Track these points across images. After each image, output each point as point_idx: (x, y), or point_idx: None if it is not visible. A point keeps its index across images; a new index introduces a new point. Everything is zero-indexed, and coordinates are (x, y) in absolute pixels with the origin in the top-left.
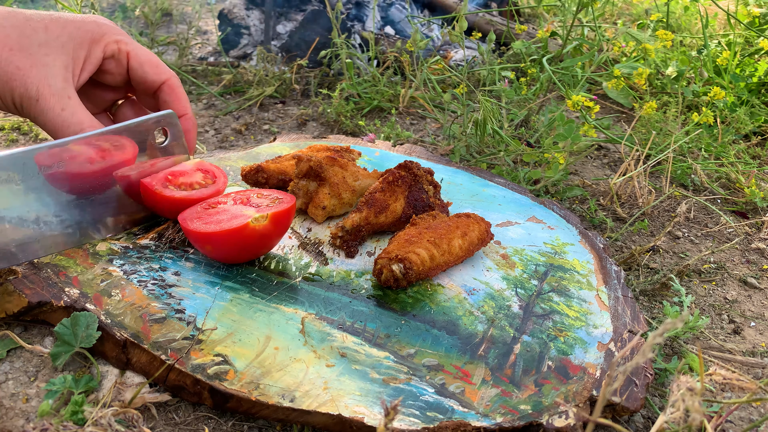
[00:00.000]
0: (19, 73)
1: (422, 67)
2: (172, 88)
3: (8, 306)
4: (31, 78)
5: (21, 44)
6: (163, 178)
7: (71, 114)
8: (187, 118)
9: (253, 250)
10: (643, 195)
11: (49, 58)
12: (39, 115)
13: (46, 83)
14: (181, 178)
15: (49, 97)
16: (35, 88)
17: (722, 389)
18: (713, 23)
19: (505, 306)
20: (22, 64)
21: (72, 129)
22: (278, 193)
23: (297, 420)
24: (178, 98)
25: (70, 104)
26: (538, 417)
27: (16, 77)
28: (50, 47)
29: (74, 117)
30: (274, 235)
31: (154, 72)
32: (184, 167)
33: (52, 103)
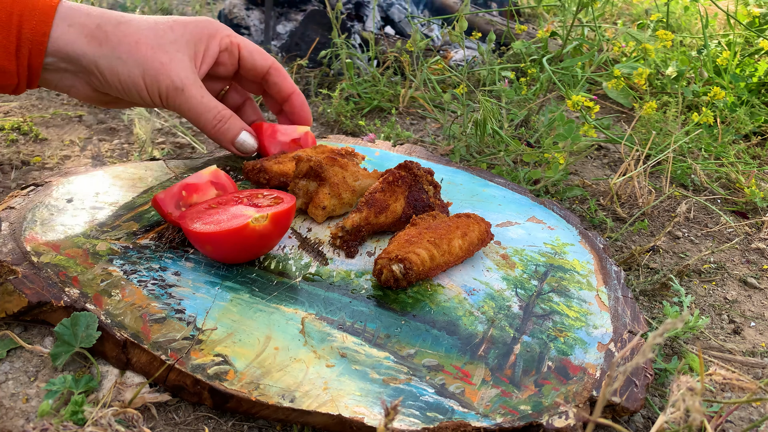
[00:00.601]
0: (164, 68)
1: (422, 67)
2: (278, 70)
3: (8, 306)
4: (174, 71)
5: (158, 43)
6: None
7: (210, 100)
8: (297, 93)
9: (253, 250)
10: (643, 195)
11: (180, 54)
12: (183, 103)
13: (185, 75)
14: (195, 195)
15: (191, 86)
16: (179, 79)
17: (722, 389)
18: (713, 23)
19: (505, 306)
20: (164, 60)
21: (213, 113)
22: (278, 193)
23: (297, 420)
24: (285, 78)
25: (206, 92)
26: (538, 417)
27: (162, 72)
28: (179, 44)
29: (212, 102)
30: (274, 235)
31: (261, 58)
32: (200, 179)
33: (194, 92)
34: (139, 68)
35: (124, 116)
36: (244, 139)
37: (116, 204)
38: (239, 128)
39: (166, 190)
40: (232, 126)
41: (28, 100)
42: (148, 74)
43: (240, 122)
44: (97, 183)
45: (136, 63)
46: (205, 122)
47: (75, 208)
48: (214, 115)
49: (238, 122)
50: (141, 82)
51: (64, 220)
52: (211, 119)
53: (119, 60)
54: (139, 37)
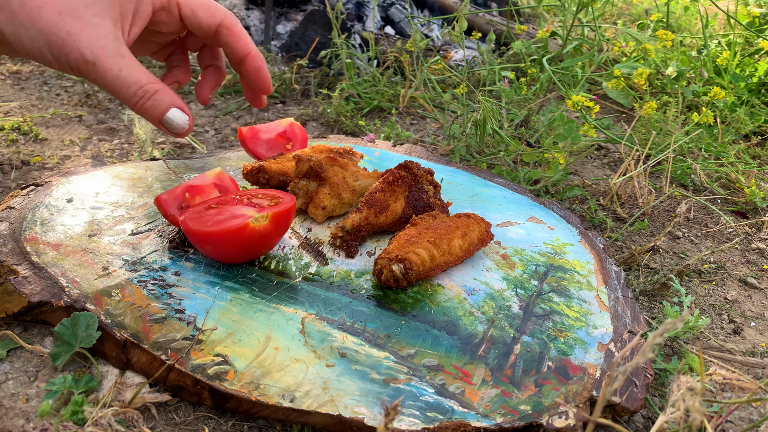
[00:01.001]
0: (71, 39)
1: (422, 67)
2: (229, 28)
3: (8, 306)
4: (83, 42)
5: (69, 6)
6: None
7: (128, 74)
8: (253, 56)
9: (253, 250)
10: (643, 195)
11: (97, 18)
12: (98, 78)
13: (99, 45)
14: (198, 197)
15: (105, 59)
16: (89, 51)
17: (722, 389)
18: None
19: (505, 306)
20: (72, 29)
21: (132, 89)
22: (278, 193)
23: (297, 420)
24: (237, 37)
25: (126, 64)
26: (538, 417)
27: (69, 43)
28: (97, 6)
29: (132, 77)
30: (274, 235)
31: (207, 16)
32: (203, 181)
33: (108, 65)
34: (43, 38)
35: (124, 116)
36: (171, 117)
37: (116, 204)
38: (167, 104)
39: (169, 192)
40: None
41: (28, 100)
42: (54, 45)
43: (168, 97)
44: (97, 183)
45: (39, 31)
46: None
47: (75, 208)
48: (134, 91)
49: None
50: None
51: (64, 220)
52: (131, 95)
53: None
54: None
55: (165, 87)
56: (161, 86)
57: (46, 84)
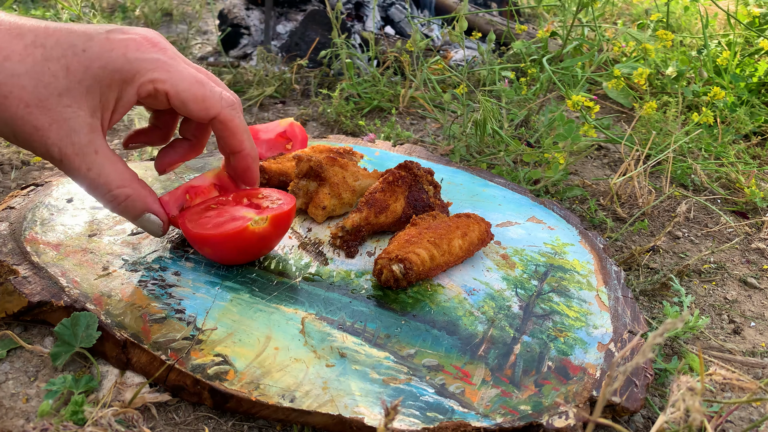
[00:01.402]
0: (38, 134)
1: (422, 67)
2: (224, 123)
3: (8, 306)
4: (51, 138)
5: (38, 97)
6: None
7: (98, 174)
8: (244, 155)
9: (253, 252)
10: (643, 195)
11: (70, 110)
12: (67, 174)
13: (69, 142)
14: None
15: (72, 157)
16: (57, 149)
17: (722, 389)
18: (713, 23)
19: (505, 306)
20: (39, 123)
21: (100, 191)
22: (279, 193)
23: (297, 420)
24: (232, 134)
25: (97, 162)
26: (538, 417)
27: (35, 138)
28: (72, 95)
29: (101, 178)
30: (273, 236)
31: (200, 109)
32: (203, 181)
33: (76, 164)
34: (9, 129)
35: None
36: (145, 222)
37: None
38: (139, 210)
39: (170, 192)
40: (128, 208)
41: None
42: (20, 137)
43: (142, 202)
44: None
45: (4, 122)
46: (97, 199)
47: (75, 208)
48: (103, 194)
49: (137, 204)
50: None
51: (64, 220)
52: (101, 198)
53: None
54: (9, 90)
55: (138, 190)
56: (132, 191)
57: None
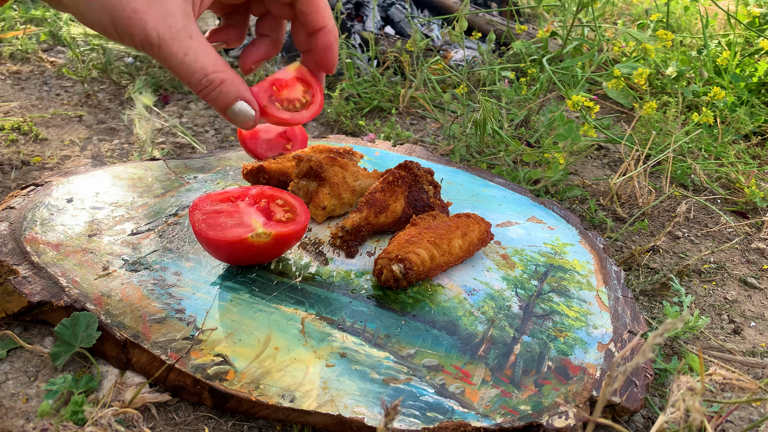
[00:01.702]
0: (137, 17)
1: (422, 67)
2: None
3: (8, 306)
4: (150, 22)
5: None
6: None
7: (194, 60)
8: (327, 30)
9: (251, 261)
10: (643, 195)
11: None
12: (161, 60)
13: (166, 25)
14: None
15: (170, 41)
16: (155, 32)
17: (722, 389)
18: (713, 23)
19: (505, 306)
20: (138, 6)
21: (196, 77)
22: (300, 206)
23: (297, 420)
24: (316, 8)
25: (193, 47)
26: (538, 417)
27: (134, 22)
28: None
29: (197, 63)
30: (273, 251)
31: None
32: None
33: (174, 48)
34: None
35: (123, 116)
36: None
37: (116, 204)
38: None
39: (258, 84)
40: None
41: (28, 100)
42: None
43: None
44: (97, 183)
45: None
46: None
47: (75, 208)
48: (199, 79)
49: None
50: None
51: (64, 220)
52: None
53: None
54: None
55: (232, 76)
56: (228, 75)
57: (46, 84)
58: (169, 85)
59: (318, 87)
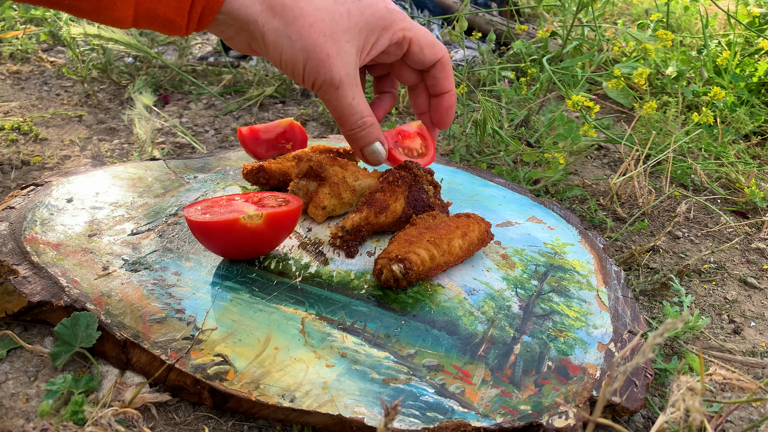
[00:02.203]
0: (328, 61)
1: None
2: (444, 65)
3: (8, 306)
4: (336, 66)
5: (332, 30)
6: (395, 136)
7: (358, 104)
8: (451, 94)
9: (247, 248)
10: (643, 195)
11: (348, 45)
12: (333, 99)
13: (346, 71)
14: (407, 141)
15: (347, 86)
16: (339, 76)
17: (722, 389)
18: (713, 23)
19: (505, 306)
20: (331, 51)
21: (356, 117)
22: (292, 198)
23: (297, 420)
24: (448, 76)
25: (358, 93)
26: (538, 417)
27: (325, 64)
28: (351, 33)
29: (360, 106)
30: (269, 235)
31: (431, 53)
32: (410, 128)
33: (347, 92)
34: (303, 53)
35: (123, 116)
36: (375, 149)
37: (116, 204)
38: (375, 138)
39: (387, 131)
40: (368, 134)
41: (28, 100)
42: (311, 63)
43: (378, 132)
44: (97, 183)
45: (303, 48)
46: (345, 124)
47: (75, 208)
48: (356, 120)
49: (376, 131)
50: (300, 67)
51: (64, 220)
52: (352, 123)
53: (288, 39)
54: (315, 20)
55: (377, 123)
56: (375, 121)
57: (46, 84)
58: (169, 85)
59: (432, 143)
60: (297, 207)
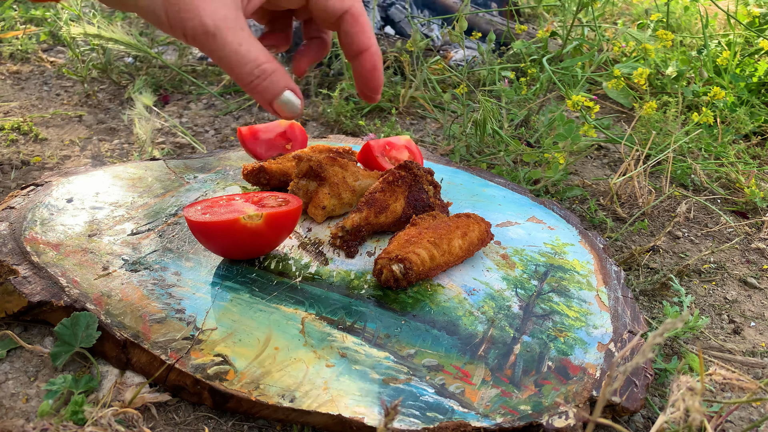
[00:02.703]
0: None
1: (422, 67)
2: (354, 17)
3: (8, 306)
4: (206, 10)
5: None
6: (383, 146)
7: (247, 50)
8: (372, 52)
9: (247, 248)
10: (643, 195)
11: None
12: (215, 50)
13: (222, 15)
14: (393, 151)
15: (226, 31)
16: (211, 21)
17: (722, 389)
18: (713, 23)
19: (505, 306)
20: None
21: (250, 66)
22: (292, 198)
23: (297, 420)
24: (362, 30)
25: (245, 38)
26: (538, 417)
27: (189, 9)
28: None
29: (251, 53)
30: (268, 235)
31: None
32: (398, 141)
33: (229, 38)
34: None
35: (123, 116)
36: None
37: (116, 204)
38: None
39: (376, 140)
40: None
41: (28, 100)
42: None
43: (284, 79)
44: (97, 183)
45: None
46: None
47: (75, 208)
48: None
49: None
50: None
51: (64, 220)
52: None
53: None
54: None
55: (280, 68)
56: (277, 67)
57: (46, 84)
58: (169, 85)
59: (420, 157)
60: (297, 207)
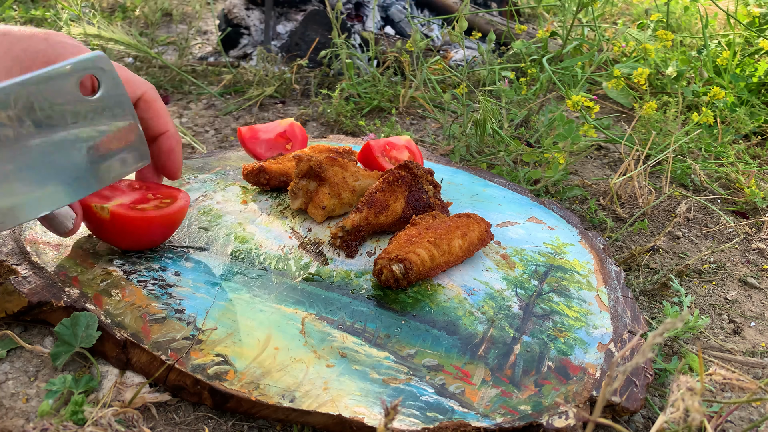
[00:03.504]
0: None
1: (422, 67)
2: (148, 103)
3: (8, 306)
4: None
5: None
6: (383, 146)
7: None
8: (168, 135)
9: (103, 237)
10: (643, 195)
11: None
12: None
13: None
14: (394, 151)
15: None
16: None
17: (722, 389)
18: (713, 23)
19: (505, 306)
20: None
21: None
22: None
23: (297, 420)
24: (156, 114)
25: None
26: (538, 417)
27: None
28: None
29: None
30: (112, 232)
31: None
32: (399, 141)
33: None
34: None
35: None
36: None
37: None
38: None
39: (377, 140)
40: None
41: None
42: None
43: None
44: None
45: None
46: None
47: None
48: None
49: None
50: None
51: None
52: None
53: None
54: None
55: None
56: None
57: None
58: (169, 85)
59: (420, 157)
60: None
